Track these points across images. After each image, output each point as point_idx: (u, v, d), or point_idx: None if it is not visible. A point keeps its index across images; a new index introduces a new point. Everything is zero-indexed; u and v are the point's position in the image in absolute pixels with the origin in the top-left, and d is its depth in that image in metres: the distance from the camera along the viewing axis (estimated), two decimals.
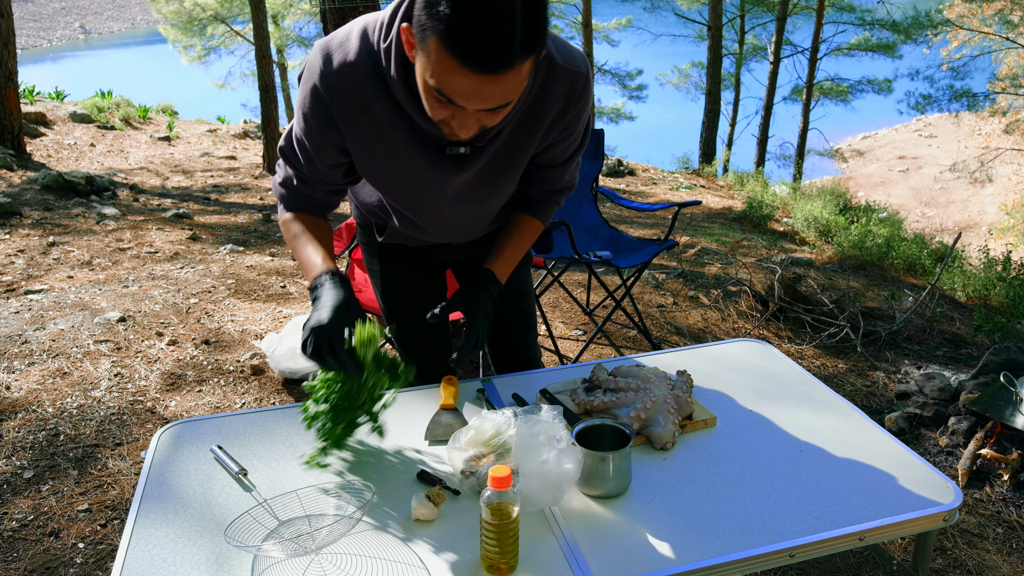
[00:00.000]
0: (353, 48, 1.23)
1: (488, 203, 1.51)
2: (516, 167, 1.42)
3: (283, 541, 1.16)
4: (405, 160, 1.34)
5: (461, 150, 1.31)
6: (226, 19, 13.70)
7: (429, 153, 1.32)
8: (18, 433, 2.51)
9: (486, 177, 1.40)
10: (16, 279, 4.23)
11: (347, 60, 1.23)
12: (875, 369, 3.26)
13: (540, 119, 1.33)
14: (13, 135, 7.46)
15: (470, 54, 1.01)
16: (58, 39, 37.51)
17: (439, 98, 1.10)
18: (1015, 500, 2.29)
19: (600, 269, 3.94)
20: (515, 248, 1.56)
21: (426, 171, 1.35)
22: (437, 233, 1.57)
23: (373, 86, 1.24)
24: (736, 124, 15.95)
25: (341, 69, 1.24)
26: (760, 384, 1.67)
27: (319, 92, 1.26)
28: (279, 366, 2.90)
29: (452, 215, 1.50)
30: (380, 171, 1.38)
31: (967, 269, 5.14)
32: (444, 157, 1.33)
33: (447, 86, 1.06)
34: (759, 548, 1.16)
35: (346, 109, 1.27)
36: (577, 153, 1.50)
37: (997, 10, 13.70)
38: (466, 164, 1.34)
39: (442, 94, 1.08)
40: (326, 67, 1.24)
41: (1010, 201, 13.64)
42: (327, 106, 1.27)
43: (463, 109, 1.10)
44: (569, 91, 1.32)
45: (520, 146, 1.37)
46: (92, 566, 1.95)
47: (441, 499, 1.25)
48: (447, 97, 1.08)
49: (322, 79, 1.25)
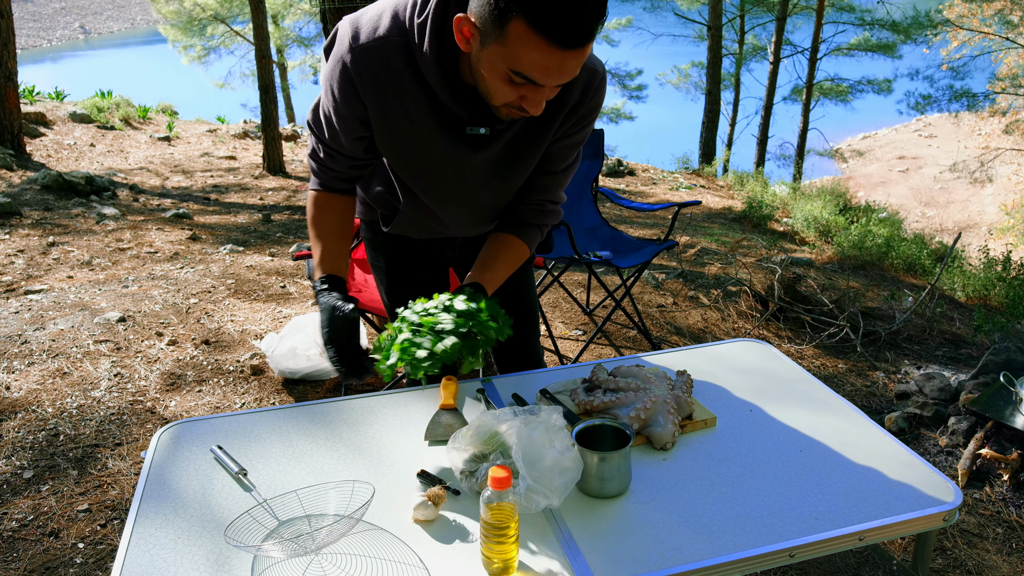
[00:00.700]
0: (385, 24, 1.26)
1: (502, 187, 1.52)
2: (532, 154, 1.44)
3: (283, 541, 1.16)
4: (426, 137, 1.36)
5: (481, 131, 1.34)
6: (226, 19, 13.71)
7: (450, 132, 1.35)
8: (18, 433, 2.51)
9: (502, 160, 1.43)
10: (16, 279, 4.23)
11: (377, 34, 1.26)
12: (875, 369, 3.26)
13: (558, 109, 1.37)
14: (13, 135, 7.46)
15: (559, 32, 1.07)
16: (58, 39, 37.51)
17: (516, 80, 1.14)
18: (1015, 500, 2.29)
19: (600, 269, 3.94)
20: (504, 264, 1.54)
21: (445, 149, 1.38)
22: (447, 214, 1.57)
23: (401, 62, 1.27)
24: (736, 124, 15.95)
25: (370, 42, 1.26)
26: (760, 384, 1.67)
27: (346, 65, 1.28)
28: (279, 366, 2.90)
29: (465, 197, 1.51)
30: (400, 147, 1.40)
31: (967, 269, 5.14)
32: (464, 137, 1.36)
33: (533, 67, 1.11)
34: (759, 548, 1.16)
35: (373, 82, 1.29)
36: (575, 163, 1.53)
37: (997, 10, 13.70)
38: (484, 145, 1.38)
39: (522, 75, 1.13)
40: (355, 40, 1.27)
41: (1010, 201, 13.64)
42: (353, 79, 1.29)
43: (539, 88, 1.16)
44: (587, 85, 1.37)
45: (537, 134, 1.40)
46: (92, 566, 1.95)
47: (441, 499, 1.25)
48: (527, 78, 1.13)
49: (351, 52, 1.27)
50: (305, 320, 3.07)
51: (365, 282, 2.93)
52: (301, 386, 2.92)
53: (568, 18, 1.06)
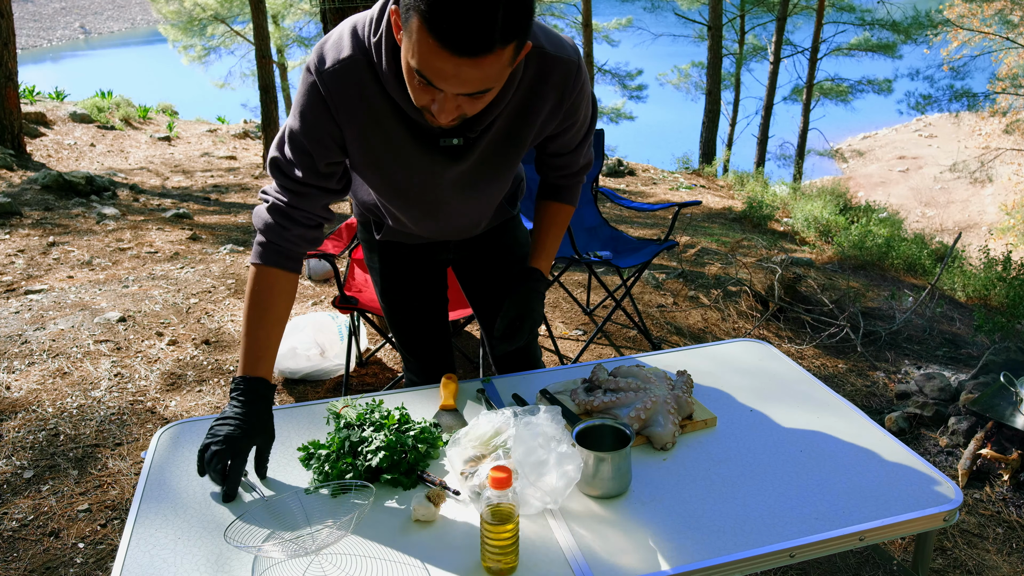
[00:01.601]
0: (346, 45, 1.26)
1: (484, 195, 1.52)
2: (512, 158, 1.43)
3: (283, 541, 1.16)
4: (402, 153, 1.35)
5: (454, 141, 1.32)
6: (226, 19, 13.69)
7: (424, 146, 1.33)
8: (18, 433, 2.51)
9: (481, 168, 1.41)
10: (16, 279, 4.23)
11: (340, 57, 1.26)
12: (875, 369, 3.26)
13: (535, 110, 1.35)
14: (13, 135, 7.46)
15: (449, 36, 1.01)
16: (58, 39, 37.51)
17: (420, 80, 1.11)
18: (1015, 500, 2.29)
19: (600, 269, 3.94)
20: (553, 239, 1.64)
21: (422, 164, 1.37)
22: (427, 232, 1.59)
23: (367, 81, 1.27)
24: (736, 124, 15.94)
25: (335, 66, 1.26)
26: (760, 384, 1.67)
27: (317, 88, 1.28)
28: (279, 366, 2.90)
29: (448, 209, 1.51)
30: (377, 165, 1.39)
31: (967, 269, 5.13)
32: (438, 149, 1.34)
33: (427, 68, 1.07)
34: (759, 548, 1.16)
35: (343, 104, 1.29)
36: (587, 137, 1.52)
37: (997, 10, 13.70)
38: (461, 156, 1.36)
39: (423, 76, 1.09)
40: (320, 64, 1.27)
41: (1010, 201, 13.64)
42: (326, 102, 1.29)
43: (443, 93, 1.11)
44: (563, 80, 1.33)
45: (515, 137, 1.38)
46: (92, 566, 1.95)
47: (441, 499, 1.25)
48: (427, 79, 1.09)
49: (319, 76, 1.27)
50: (305, 320, 3.08)
51: (365, 282, 2.93)
52: (301, 386, 2.92)
53: (462, 24, 1.00)
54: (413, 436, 1.38)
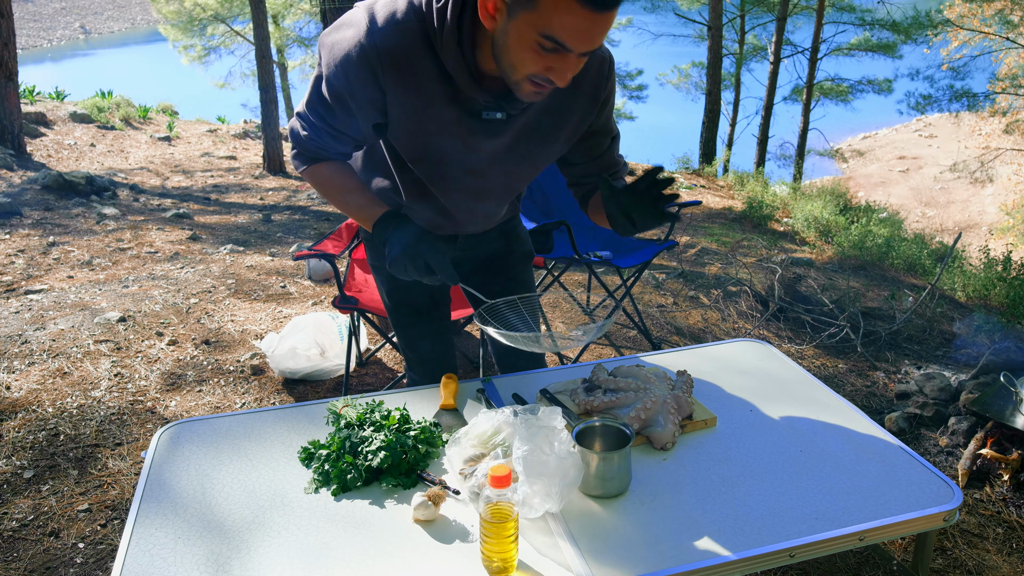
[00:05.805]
0: (402, 8, 1.27)
1: (516, 175, 1.53)
2: (547, 143, 1.46)
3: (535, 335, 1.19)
4: (444, 122, 1.36)
5: (497, 115, 1.36)
6: (226, 19, 13.70)
7: (466, 117, 1.36)
8: (18, 433, 2.51)
9: (516, 147, 1.44)
10: (16, 279, 4.23)
11: (396, 18, 1.26)
12: (875, 369, 3.26)
13: (572, 99, 1.41)
14: (13, 135, 7.46)
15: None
16: (58, 39, 37.50)
17: (546, 46, 1.15)
18: (1015, 500, 2.29)
19: (600, 269, 3.94)
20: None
21: (462, 134, 1.38)
22: (453, 203, 1.56)
23: (420, 47, 1.28)
24: (736, 124, 15.92)
25: (389, 26, 1.26)
26: (760, 384, 1.67)
27: (365, 49, 1.26)
28: (279, 366, 2.90)
29: (481, 184, 1.51)
30: (417, 132, 1.39)
31: (967, 269, 5.13)
32: (480, 122, 1.37)
33: (563, 30, 1.13)
34: (759, 548, 1.16)
35: (393, 66, 1.28)
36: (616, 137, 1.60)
37: (997, 10, 13.69)
38: (499, 131, 1.39)
39: (553, 40, 1.14)
40: (372, 24, 1.26)
41: (1010, 201, 13.64)
42: (372, 63, 1.27)
43: (567, 57, 1.17)
44: (598, 71, 1.41)
45: (550, 120, 1.43)
46: (92, 566, 1.95)
47: (441, 499, 1.25)
48: (558, 42, 1.14)
49: (369, 36, 1.26)
50: (305, 320, 3.07)
51: (365, 282, 2.93)
52: (301, 386, 2.92)
53: None
54: (413, 436, 1.38)
